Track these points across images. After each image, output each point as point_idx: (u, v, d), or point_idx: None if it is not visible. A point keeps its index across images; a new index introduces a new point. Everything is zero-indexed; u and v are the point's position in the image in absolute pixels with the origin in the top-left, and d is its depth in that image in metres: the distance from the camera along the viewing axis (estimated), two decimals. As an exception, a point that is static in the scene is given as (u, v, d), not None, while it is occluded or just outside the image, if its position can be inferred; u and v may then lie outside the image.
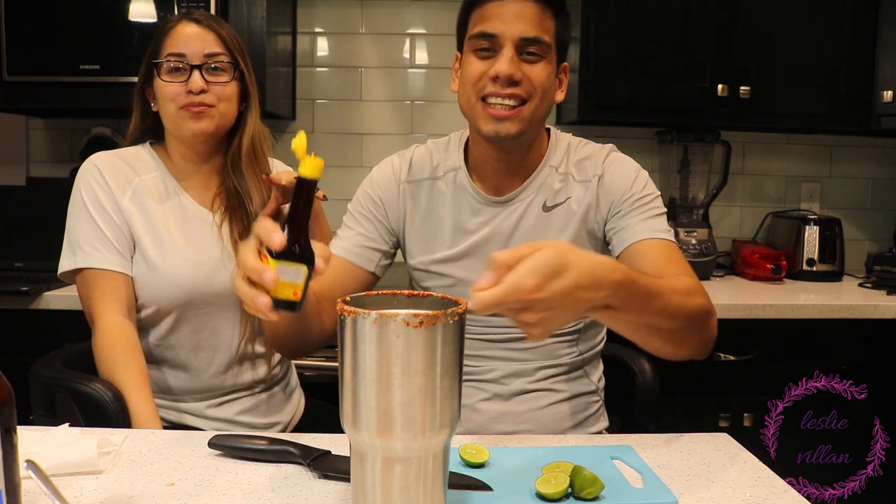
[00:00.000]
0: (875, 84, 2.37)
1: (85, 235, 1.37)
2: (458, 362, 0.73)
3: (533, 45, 1.18)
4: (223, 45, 1.41)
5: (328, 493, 0.88)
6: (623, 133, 2.62)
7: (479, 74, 1.19)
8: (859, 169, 2.78)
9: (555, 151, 1.31)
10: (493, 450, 0.98)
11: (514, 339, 1.29)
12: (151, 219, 1.40)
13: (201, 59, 1.38)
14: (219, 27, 1.43)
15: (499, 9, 1.18)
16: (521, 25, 1.17)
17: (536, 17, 1.18)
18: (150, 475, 0.92)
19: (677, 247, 1.25)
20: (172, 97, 1.38)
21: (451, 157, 1.32)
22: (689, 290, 1.03)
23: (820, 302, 2.10)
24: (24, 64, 2.14)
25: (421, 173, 1.32)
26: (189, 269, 1.38)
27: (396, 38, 2.63)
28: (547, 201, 1.28)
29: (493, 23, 1.18)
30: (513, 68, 1.17)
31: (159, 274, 1.37)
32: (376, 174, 1.35)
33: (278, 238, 0.82)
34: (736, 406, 2.07)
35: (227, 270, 1.39)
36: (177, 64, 1.38)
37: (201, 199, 1.46)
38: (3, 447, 0.68)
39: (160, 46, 1.40)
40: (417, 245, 1.32)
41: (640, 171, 1.30)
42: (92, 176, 1.40)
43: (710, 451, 1.03)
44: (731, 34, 2.33)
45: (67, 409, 1.27)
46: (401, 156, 1.36)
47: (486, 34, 1.18)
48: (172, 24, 1.41)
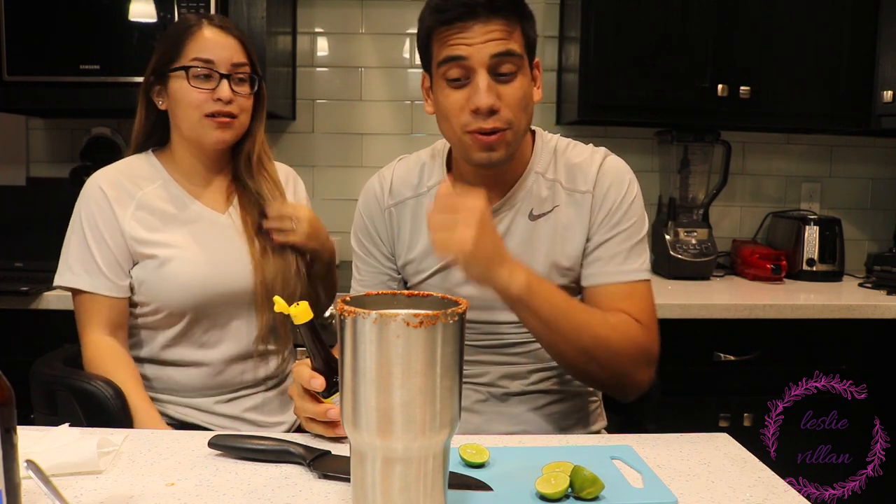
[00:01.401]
0: (875, 84, 2.37)
1: (77, 257, 1.38)
2: (458, 362, 0.73)
3: (506, 63, 1.13)
4: (246, 56, 1.42)
5: (328, 493, 0.88)
6: (623, 133, 2.62)
7: (457, 108, 1.15)
8: (859, 169, 2.78)
9: (540, 156, 1.27)
10: (493, 450, 0.98)
11: (508, 345, 1.28)
12: (158, 227, 1.40)
13: (229, 68, 1.39)
14: (241, 35, 1.44)
15: (463, 32, 1.12)
16: (490, 44, 1.12)
17: (503, 30, 1.13)
18: (150, 475, 0.92)
19: (646, 284, 1.23)
20: (198, 104, 1.37)
21: (436, 171, 1.31)
22: (621, 326, 1.14)
23: (820, 302, 2.10)
24: (24, 64, 2.14)
25: (403, 193, 1.31)
26: (200, 272, 1.38)
27: (396, 38, 2.63)
28: (534, 210, 1.25)
29: (460, 47, 1.12)
30: (490, 98, 1.12)
31: (169, 280, 1.37)
32: (362, 204, 1.36)
33: (318, 382, 1.01)
34: (736, 406, 2.07)
35: (242, 267, 1.41)
36: (206, 71, 1.37)
37: (210, 202, 1.46)
38: (3, 447, 0.68)
39: (182, 48, 1.38)
40: (410, 264, 1.31)
41: (630, 184, 1.25)
42: (93, 198, 1.39)
43: (710, 451, 1.03)
44: (731, 34, 2.33)
45: (69, 407, 1.27)
46: (381, 177, 1.35)
47: (454, 58, 1.13)
48: (195, 27, 1.40)
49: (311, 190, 2.57)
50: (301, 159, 2.60)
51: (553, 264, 1.25)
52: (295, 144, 2.63)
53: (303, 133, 2.64)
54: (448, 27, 1.13)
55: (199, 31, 1.39)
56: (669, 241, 2.44)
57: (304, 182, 1.64)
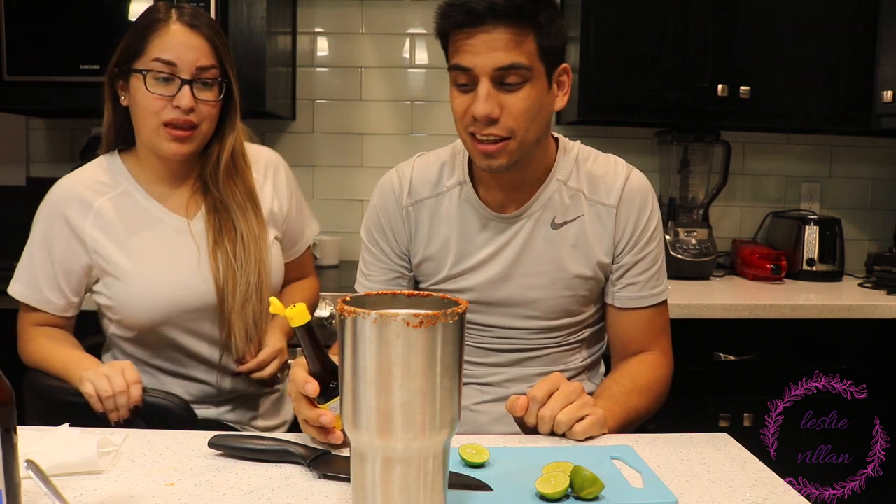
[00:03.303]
0: (875, 84, 2.37)
1: (24, 263, 1.39)
2: (458, 362, 0.73)
3: (511, 74, 1.11)
4: (215, 56, 1.32)
5: (328, 493, 0.88)
6: (623, 133, 2.62)
7: (462, 111, 1.16)
8: (859, 169, 2.78)
9: (562, 164, 1.28)
10: (493, 450, 0.98)
11: (519, 350, 1.30)
12: (119, 239, 1.35)
13: (193, 72, 1.28)
14: (212, 34, 1.32)
15: (470, 39, 1.11)
16: (494, 55, 1.10)
17: (510, 42, 1.10)
18: (150, 475, 0.92)
19: (665, 306, 1.33)
20: (155, 111, 1.28)
21: (457, 171, 1.30)
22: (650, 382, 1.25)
23: (820, 302, 2.10)
24: (24, 64, 2.14)
25: (422, 192, 1.30)
26: (166, 283, 1.34)
27: (396, 38, 2.63)
28: (556, 218, 1.26)
29: (466, 55, 1.12)
30: (489, 107, 1.12)
31: (132, 299, 1.34)
32: (378, 200, 1.33)
33: (312, 388, 0.98)
34: (736, 406, 2.07)
35: (202, 279, 1.35)
36: (166, 74, 1.28)
37: (175, 206, 1.39)
38: (3, 447, 0.68)
39: (145, 45, 1.28)
40: (425, 264, 1.31)
41: (654, 202, 1.30)
42: (52, 212, 1.36)
43: (710, 451, 1.03)
44: (731, 34, 2.33)
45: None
46: (400, 174, 1.32)
47: (460, 67, 1.13)
48: (161, 22, 1.29)
49: (311, 190, 2.58)
50: (301, 159, 2.60)
51: (577, 275, 1.27)
52: (295, 144, 2.63)
53: (303, 133, 2.64)
54: (456, 31, 1.13)
55: (164, 28, 1.28)
56: (669, 241, 2.44)
57: (304, 182, 1.62)
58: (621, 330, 1.31)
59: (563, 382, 1.08)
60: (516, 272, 1.26)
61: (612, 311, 1.31)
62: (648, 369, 1.27)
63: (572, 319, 1.30)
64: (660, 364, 1.29)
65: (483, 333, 1.30)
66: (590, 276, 1.27)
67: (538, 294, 1.27)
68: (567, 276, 1.26)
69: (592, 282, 1.28)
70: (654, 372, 1.27)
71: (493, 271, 1.27)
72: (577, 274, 1.26)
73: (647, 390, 1.23)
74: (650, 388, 1.24)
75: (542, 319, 1.28)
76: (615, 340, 1.33)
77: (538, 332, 1.29)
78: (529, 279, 1.26)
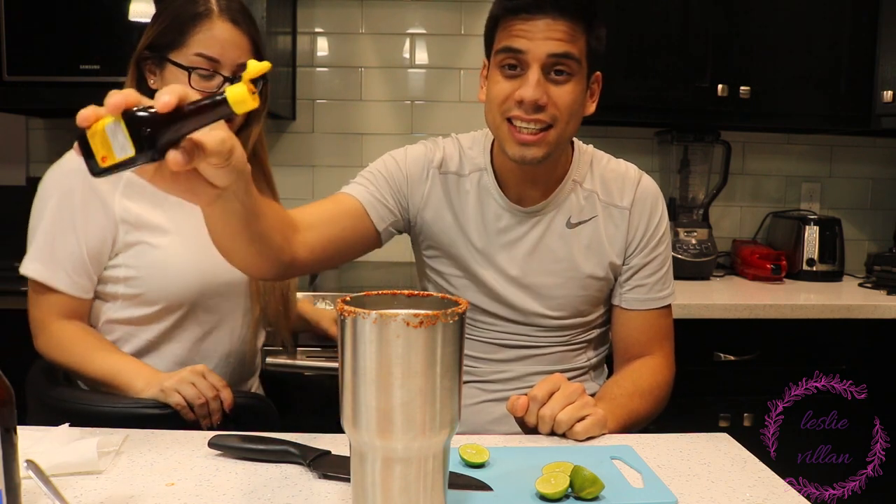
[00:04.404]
0: (875, 84, 2.37)
1: (39, 240, 1.33)
2: (458, 362, 0.73)
3: (561, 63, 1.13)
4: (255, 53, 1.32)
5: (328, 493, 0.88)
6: (623, 133, 2.63)
7: (504, 95, 1.15)
8: (859, 169, 2.78)
9: (578, 165, 1.29)
10: (493, 450, 0.98)
11: (526, 347, 1.30)
12: (150, 205, 1.32)
13: (233, 69, 1.28)
14: (253, 30, 1.33)
15: (527, 24, 1.12)
16: (550, 42, 1.12)
17: (567, 32, 1.12)
18: (150, 475, 0.92)
19: (670, 311, 1.34)
20: None
21: (478, 158, 1.30)
22: (652, 386, 1.25)
23: (820, 302, 2.10)
24: (24, 64, 2.14)
25: (449, 166, 1.30)
26: (199, 260, 1.32)
27: (396, 38, 2.63)
28: (571, 218, 1.27)
29: (521, 39, 1.12)
30: (538, 93, 1.12)
31: (167, 268, 1.31)
32: (410, 152, 1.30)
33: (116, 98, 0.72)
34: (736, 406, 2.07)
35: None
36: (208, 72, 1.27)
37: None
38: (3, 447, 0.68)
39: (186, 38, 1.27)
40: (436, 233, 1.29)
41: (663, 206, 1.33)
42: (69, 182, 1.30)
43: (710, 451, 1.03)
44: (730, 34, 2.33)
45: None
46: (434, 142, 1.32)
47: (512, 49, 1.13)
48: (206, 17, 1.27)
49: (311, 190, 2.59)
50: (301, 159, 2.60)
51: (589, 275, 1.28)
52: (295, 144, 2.63)
53: (303, 133, 2.64)
54: (514, 17, 1.14)
55: (208, 22, 1.27)
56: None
57: (304, 182, 1.64)
58: (625, 332, 1.31)
59: (564, 382, 1.08)
60: (529, 267, 1.27)
61: (617, 312, 1.32)
62: (650, 373, 1.27)
63: (582, 319, 1.31)
64: (662, 369, 1.30)
65: (491, 327, 1.30)
66: (602, 277, 1.28)
67: (551, 291, 1.27)
68: (580, 275, 1.27)
69: (604, 282, 1.29)
70: (656, 376, 1.28)
71: (506, 263, 1.27)
72: (590, 274, 1.27)
73: (649, 394, 1.24)
74: (651, 391, 1.24)
75: (553, 318, 1.28)
76: (618, 342, 1.33)
77: (547, 330, 1.29)
78: (543, 276, 1.27)
